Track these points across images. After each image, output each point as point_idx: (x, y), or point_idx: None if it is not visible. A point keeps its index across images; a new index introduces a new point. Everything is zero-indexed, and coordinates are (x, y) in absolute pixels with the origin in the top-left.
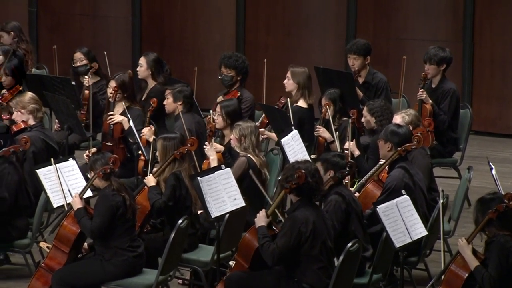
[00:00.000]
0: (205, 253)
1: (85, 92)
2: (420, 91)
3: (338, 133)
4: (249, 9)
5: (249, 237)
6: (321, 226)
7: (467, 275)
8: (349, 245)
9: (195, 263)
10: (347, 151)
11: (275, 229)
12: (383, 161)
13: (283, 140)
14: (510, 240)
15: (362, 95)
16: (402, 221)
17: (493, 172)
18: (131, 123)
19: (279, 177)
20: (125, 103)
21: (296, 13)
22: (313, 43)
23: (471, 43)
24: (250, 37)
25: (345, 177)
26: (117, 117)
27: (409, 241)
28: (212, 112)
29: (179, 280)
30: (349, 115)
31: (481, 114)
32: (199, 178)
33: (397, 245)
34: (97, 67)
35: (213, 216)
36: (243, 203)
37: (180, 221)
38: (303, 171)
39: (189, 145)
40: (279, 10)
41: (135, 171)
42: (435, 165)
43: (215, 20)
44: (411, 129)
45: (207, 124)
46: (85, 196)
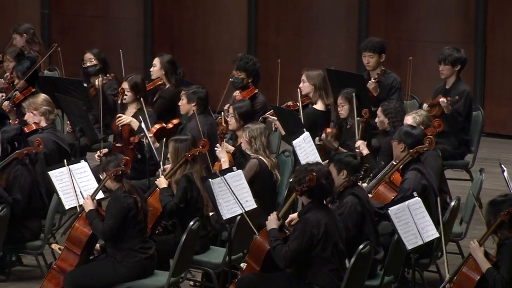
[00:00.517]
0: (216, 255)
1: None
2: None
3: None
4: (260, 10)
5: (261, 240)
6: (332, 228)
7: (479, 277)
8: (361, 247)
9: (206, 265)
10: (357, 150)
11: (287, 232)
12: (395, 162)
13: (294, 142)
14: None
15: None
16: (413, 223)
17: (505, 174)
18: (143, 125)
19: (291, 179)
20: (137, 104)
21: (306, 14)
22: (324, 44)
23: (483, 45)
24: (260, 38)
25: (359, 181)
26: (125, 118)
27: (420, 243)
28: (224, 112)
29: (191, 282)
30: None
31: (492, 116)
32: (210, 180)
33: (409, 247)
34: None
35: (224, 218)
36: (254, 205)
37: (191, 223)
38: (314, 173)
39: (201, 147)
40: (290, 11)
41: (147, 172)
42: (447, 167)
43: (226, 21)
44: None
45: (218, 125)
46: (96, 198)
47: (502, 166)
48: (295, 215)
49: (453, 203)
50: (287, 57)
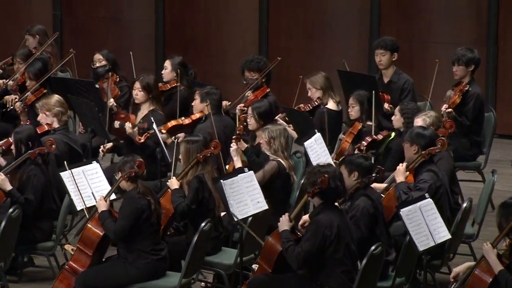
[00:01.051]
0: (228, 256)
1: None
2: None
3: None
4: (271, 13)
5: (272, 241)
6: (344, 229)
7: (491, 279)
8: (372, 248)
9: (218, 266)
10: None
11: (298, 234)
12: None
13: (306, 143)
14: None
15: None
16: (425, 224)
17: None
18: (154, 126)
19: (302, 181)
20: (150, 104)
21: (318, 17)
22: (335, 46)
23: (495, 47)
24: (272, 41)
25: (372, 183)
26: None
27: (432, 244)
28: (237, 113)
29: (202, 283)
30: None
31: (504, 117)
32: (222, 181)
33: (421, 249)
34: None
35: (236, 219)
36: (266, 206)
37: (203, 224)
38: (326, 175)
39: (212, 148)
40: (301, 14)
41: (158, 174)
42: (458, 168)
43: (238, 24)
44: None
45: (238, 124)
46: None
47: None
48: (307, 217)
49: (465, 205)
50: (299, 61)
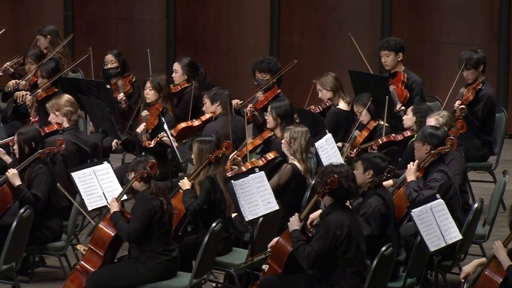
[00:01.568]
0: (239, 256)
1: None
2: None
3: None
4: (283, 12)
5: (283, 242)
6: (355, 229)
7: (501, 279)
8: (383, 249)
9: (229, 267)
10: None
11: (309, 234)
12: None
13: (317, 143)
14: None
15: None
16: (436, 225)
17: None
18: (165, 126)
19: (313, 181)
20: (161, 104)
21: (330, 16)
22: (347, 46)
23: (507, 46)
24: (284, 40)
25: (382, 182)
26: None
27: (443, 245)
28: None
29: (213, 283)
30: (383, 119)
31: None
32: (233, 181)
33: (432, 249)
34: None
35: (246, 219)
36: (276, 207)
37: (214, 224)
38: (336, 175)
39: (224, 149)
40: (313, 13)
41: (169, 174)
42: (470, 169)
43: (249, 23)
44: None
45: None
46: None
47: None
48: (316, 214)
49: (476, 205)
50: (311, 60)
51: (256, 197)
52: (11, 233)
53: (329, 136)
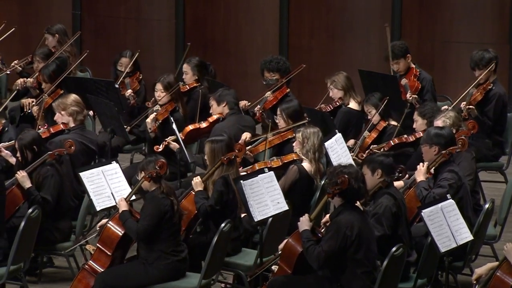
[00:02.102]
0: (248, 257)
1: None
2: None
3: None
4: (293, 12)
5: (292, 242)
6: (365, 230)
7: None
8: (394, 249)
9: (238, 267)
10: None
11: (318, 234)
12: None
13: (327, 143)
14: None
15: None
16: (447, 225)
17: None
18: (174, 126)
19: (322, 181)
20: (173, 103)
21: (340, 16)
22: (357, 46)
23: None
24: (293, 40)
25: (394, 182)
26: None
27: (454, 245)
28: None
29: (222, 284)
30: (394, 118)
31: None
32: (242, 181)
33: (442, 250)
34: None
35: (256, 219)
36: (286, 207)
37: (223, 225)
38: (346, 176)
39: (237, 151)
40: (323, 13)
41: (178, 174)
42: (481, 169)
43: (258, 23)
44: (454, 131)
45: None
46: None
47: None
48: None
49: (487, 206)
50: (320, 60)
51: (265, 197)
52: (19, 233)
53: (339, 136)
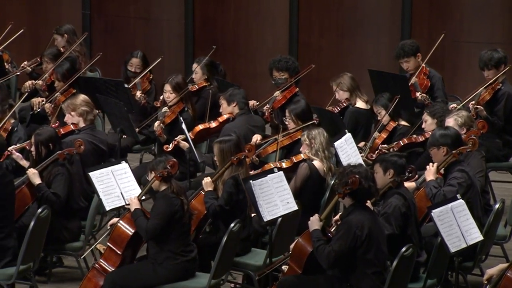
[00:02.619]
0: (257, 257)
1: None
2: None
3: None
4: (302, 11)
5: (302, 242)
6: (375, 230)
7: None
8: (403, 249)
9: (247, 267)
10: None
11: (328, 234)
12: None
13: (336, 143)
14: None
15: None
16: (457, 225)
17: None
18: (183, 126)
19: (332, 181)
20: (182, 103)
21: (350, 15)
22: (367, 45)
23: None
24: (303, 40)
25: (403, 182)
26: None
27: (464, 246)
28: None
29: (231, 284)
30: (404, 118)
31: None
32: (251, 181)
33: (452, 250)
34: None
35: (265, 219)
36: (295, 207)
37: (232, 225)
38: (357, 176)
39: (247, 151)
40: (333, 12)
41: (187, 174)
42: (491, 169)
43: (268, 22)
44: (465, 131)
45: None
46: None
47: None
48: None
49: (497, 206)
50: (330, 59)
51: (274, 197)
52: (29, 233)
53: (348, 136)
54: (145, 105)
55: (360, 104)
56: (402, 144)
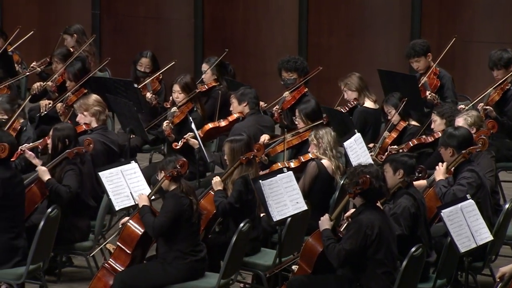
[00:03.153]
0: (267, 257)
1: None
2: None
3: None
4: (312, 10)
5: (312, 242)
6: (386, 230)
7: None
8: (413, 249)
9: (256, 267)
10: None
11: (339, 234)
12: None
13: (346, 143)
14: None
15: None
16: (467, 225)
17: None
18: (193, 125)
19: (342, 181)
20: (191, 103)
21: (359, 15)
22: (376, 44)
23: None
24: (312, 39)
25: (413, 182)
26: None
27: (474, 246)
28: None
29: (241, 284)
30: (414, 118)
31: None
32: (261, 181)
33: (462, 250)
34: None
35: (274, 219)
36: (305, 207)
37: (241, 225)
38: (367, 175)
39: (256, 151)
40: (342, 11)
41: (197, 174)
42: (501, 169)
43: (278, 22)
44: (475, 130)
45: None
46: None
47: None
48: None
49: (507, 206)
50: (339, 59)
51: (284, 197)
52: (38, 233)
53: (358, 135)
54: (156, 106)
55: (368, 104)
56: (411, 145)
